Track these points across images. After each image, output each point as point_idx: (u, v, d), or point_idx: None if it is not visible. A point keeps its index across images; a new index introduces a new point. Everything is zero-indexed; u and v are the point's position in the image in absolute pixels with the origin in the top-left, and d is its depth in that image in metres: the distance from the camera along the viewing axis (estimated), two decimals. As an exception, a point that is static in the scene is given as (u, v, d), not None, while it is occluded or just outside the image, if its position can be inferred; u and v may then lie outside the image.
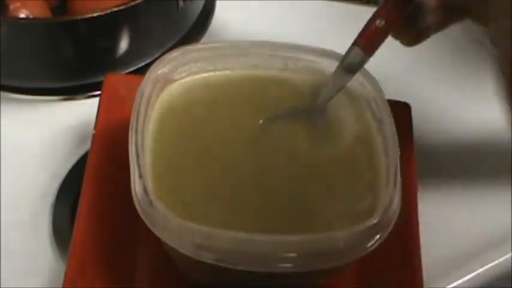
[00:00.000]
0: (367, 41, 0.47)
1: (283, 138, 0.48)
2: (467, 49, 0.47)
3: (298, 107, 0.49)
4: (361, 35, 0.47)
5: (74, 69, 0.64)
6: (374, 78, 0.49)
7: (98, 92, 0.56)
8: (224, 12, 0.72)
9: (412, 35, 0.48)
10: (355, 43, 0.47)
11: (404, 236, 0.48)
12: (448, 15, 0.48)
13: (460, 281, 0.54)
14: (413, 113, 0.55)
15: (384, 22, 0.46)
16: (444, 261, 0.54)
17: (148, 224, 0.41)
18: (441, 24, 0.48)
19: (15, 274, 0.52)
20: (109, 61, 0.64)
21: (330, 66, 0.49)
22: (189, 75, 0.50)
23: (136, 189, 0.41)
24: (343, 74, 0.48)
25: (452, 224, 0.57)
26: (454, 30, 0.46)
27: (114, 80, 0.56)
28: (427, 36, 0.48)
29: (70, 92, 0.64)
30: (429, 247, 0.49)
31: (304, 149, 0.47)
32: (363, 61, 0.47)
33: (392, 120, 0.46)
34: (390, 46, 0.48)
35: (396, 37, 0.48)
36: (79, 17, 0.59)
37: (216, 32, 0.71)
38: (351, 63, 0.47)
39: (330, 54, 0.49)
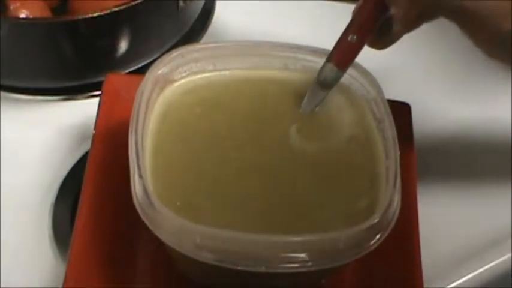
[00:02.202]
0: (340, 58, 0.47)
1: (283, 138, 0.48)
2: (467, 49, 0.47)
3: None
4: (333, 51, 0.48)
5: (74, 69, 0.64)
6: (374, 78, 0.49)
7: (98, 92, 0.56)
8: (224, 12, 0.72)
9: (383, 44, 0.48)
10: (328, 59, 0.47)
11: (404, 236, 0.48)
12: (416, 19, 0.48)
13: (460, 281, 0.54)
14: (413, 113, 0.55)
15: (355, 37, 0.47)
16: (444, 261, 0.54)
17: (148, 224, 0.41)
18: (410, 27, 0.48)
19: (15, 274, 0.52)
20: (109, 61, 0.64)
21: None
22: (189, 75, 0.50)
23: (137, 189, 0.41)
24: (319, 90, 0.48)
25: (452, 224, 0.57)
26: (454, 30, 0.46)
27: (114, 80, 0.56)
28: (398, 39, 0.48)
29: (70, 92, 0.64)
30: (429, 247, 0.49)
31: (304, 149, 0.47)
32: (338, 77, 0.48)
33: (393, 120, 0.46)
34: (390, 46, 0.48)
35: (368, 46, 0.48)
36: (79, 17, 0.59)
37: (216, 32, 0.71)
38: (326, 80, 0.48)
39: (330, 55, 0.49)
